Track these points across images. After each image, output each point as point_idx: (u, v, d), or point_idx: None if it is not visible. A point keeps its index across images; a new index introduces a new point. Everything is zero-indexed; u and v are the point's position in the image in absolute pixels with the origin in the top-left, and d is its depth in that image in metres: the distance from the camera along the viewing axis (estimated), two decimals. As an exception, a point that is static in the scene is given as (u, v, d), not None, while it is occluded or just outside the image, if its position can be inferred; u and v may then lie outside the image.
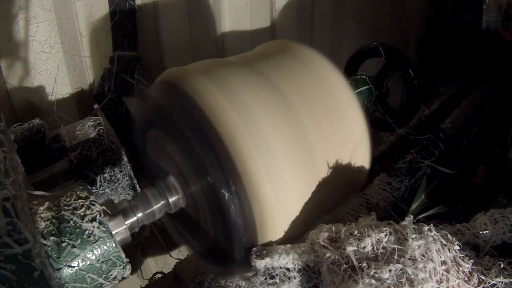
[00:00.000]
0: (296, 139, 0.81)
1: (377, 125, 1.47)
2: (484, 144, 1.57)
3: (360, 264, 0.66)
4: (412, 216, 0.74)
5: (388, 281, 0.63)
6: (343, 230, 0.72)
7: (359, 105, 0.93)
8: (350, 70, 1.48)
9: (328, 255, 0.70)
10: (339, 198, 0.95)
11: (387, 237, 0.69)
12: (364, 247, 0.68)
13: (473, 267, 0.69)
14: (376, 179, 1.06)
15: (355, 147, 0.91)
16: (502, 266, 0.69)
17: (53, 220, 0.66)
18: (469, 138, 1.48)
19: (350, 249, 0.68)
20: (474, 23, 1.93)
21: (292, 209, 0.80)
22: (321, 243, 0.72)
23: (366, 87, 1.35)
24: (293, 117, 0.82)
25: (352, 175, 0.92)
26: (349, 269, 0.67)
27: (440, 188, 1.20)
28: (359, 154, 0.92)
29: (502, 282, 0.67)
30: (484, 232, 0.78)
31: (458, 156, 1.38)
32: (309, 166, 0.82)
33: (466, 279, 0.67)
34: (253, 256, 0.75)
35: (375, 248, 0.68)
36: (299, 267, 0.73)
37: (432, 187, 1.16)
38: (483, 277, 0.67)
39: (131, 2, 1.49)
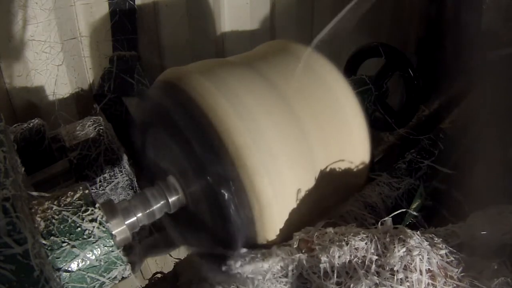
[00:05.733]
0: (296, 139, 0.81)
1: (377, 125, 1.47)
2: (484, 143, 1.57)
3: (337, 279, 0.63)
4: (391, 219, 0.71)
5: None
6: (321, 236, 0.69)
7: (359, 105, 0.93)
8: (350, 70, 1.48)
9: (304, 262, 0.67)
10: (339, 198, 0.95)
11: (367, 245, 0.66)
12: (342, 255, 0.65)
13: (463, 273, 0.65)
14: (376, 179, 1.06)
15: (355, 147, 0.91)
16: (495, 267, 0.66)
17: (53, 220, 0.66)
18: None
19: (325, 259, 0.66)
20: (474, 23, 1.92)
21: (292, 209, 0.80)
22: (295, 248, 0.70)
23: (366, 87, 1.35)
24: (293, 117, 0.82)
25: (352, 175, 0.92)
26: (325, 278, 0.64)
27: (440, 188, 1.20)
28: (359, 154, 0.92)
29: (496, 284, 0.63)
30: (482, 233, 0.73)
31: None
32: (309, 166, 0.82)
33: (455, 285, 0.64)
34: (234, 263, 0.73)
35: (353, 257, 0.65)
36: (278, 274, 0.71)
37: (432, 187, 1.16)
38: (475, 281, 0.64)
39: (131, 2, 1.49)
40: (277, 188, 0.76)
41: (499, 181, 0.94)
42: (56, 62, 1.45)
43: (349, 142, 0.90)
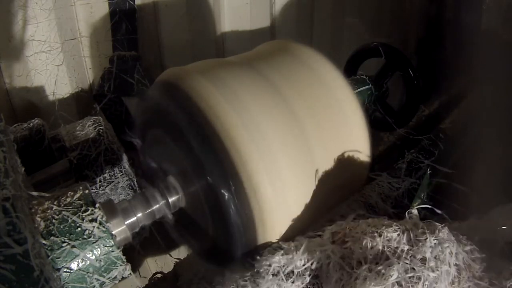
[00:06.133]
0: (296, 139, 0.81)
1: (377, 125, 1.47)
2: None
3: (369, 265, 0.64)
4: (417, 211, 0.72)
5: (398, 280, 0.61)
6: (353, 228, 0.70)
7: (359, 105, 0.93)
8: (350, 70, 1.48)
9: (336, 253, 0.68)
10: (338, 197, 0.95)
11: (399, 236, 0.67)
12: (375, 246, 0.66)
13: (484, 273, 0.66)
14: (376, 179, 1.06)
15: (355, 147, 0.91)
16: None
17: (53, 220, 0.66)
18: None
19: (358, 249, 0.66)
20: (474, 23, 1.92)
21: (291, 208, 0.80)
22: (327, 240, 0.70)
23: (366, 87, 1.34)
24: (293, 117, 0.82)
25: (352, 175, 0.92)
26: (358, 268, 0.65)
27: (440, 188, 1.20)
28: (359, 154, 0.92)
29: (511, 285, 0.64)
30: (503, 227, 0.73)
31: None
32: (309, 165, 0.82)
33: (475, 283, 0.65)
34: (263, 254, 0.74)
35: (385, 247, 0.66)
36: (307, 265, 0.71)
37: (432, 187, 1.17)
38: (494, 281, 0.65)
39: (131, 2, 1.49)
40: (277, 188, 0.76)
41: (499, 181, 0.94)
42: (56, 62, 1.45)
43: (349, 142, 0.90)
